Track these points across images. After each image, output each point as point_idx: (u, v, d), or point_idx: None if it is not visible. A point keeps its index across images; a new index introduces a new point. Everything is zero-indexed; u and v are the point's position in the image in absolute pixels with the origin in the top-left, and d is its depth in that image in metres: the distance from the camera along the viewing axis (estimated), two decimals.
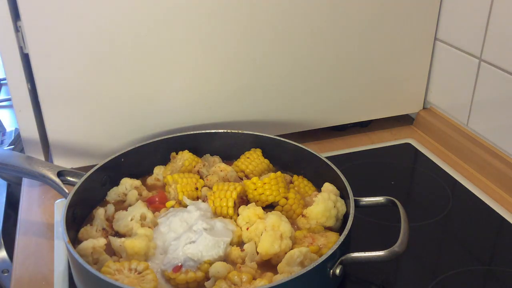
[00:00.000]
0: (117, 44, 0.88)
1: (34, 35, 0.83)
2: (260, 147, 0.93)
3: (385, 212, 0.80)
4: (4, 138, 1.33)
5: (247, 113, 1.01)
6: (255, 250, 0.74)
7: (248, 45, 0.95)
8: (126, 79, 0.91)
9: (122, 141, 0.95)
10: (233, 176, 0.88)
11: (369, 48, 1.03)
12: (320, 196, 0.79)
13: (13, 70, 0.85)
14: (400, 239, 0.70)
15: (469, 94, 1.01)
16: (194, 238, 0.73)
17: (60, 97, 0.89)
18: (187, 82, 0.95)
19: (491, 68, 0.95)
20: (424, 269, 0.79)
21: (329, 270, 0.69)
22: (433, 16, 1.05)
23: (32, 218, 0.90)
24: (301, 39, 0.98)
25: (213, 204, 0.80)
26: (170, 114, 0.97)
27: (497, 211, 0.89)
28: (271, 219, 0.76)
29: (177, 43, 0.91)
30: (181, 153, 0.91)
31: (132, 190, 0.85)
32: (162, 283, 0.71)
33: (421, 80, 1.12)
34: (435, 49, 1.09)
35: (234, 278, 0.68)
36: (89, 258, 0.71)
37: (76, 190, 0.78)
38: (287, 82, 1.01)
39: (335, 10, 0.97)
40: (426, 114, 1.13)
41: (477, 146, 1.00)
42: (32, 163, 0.82)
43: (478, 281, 0.77)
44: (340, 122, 1.10)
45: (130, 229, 0.77)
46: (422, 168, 1.03)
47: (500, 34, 0.92)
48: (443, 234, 0.86)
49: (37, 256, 0.82)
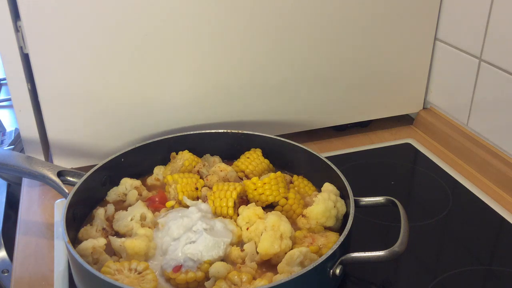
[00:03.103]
0: (117, 44, 0.88)
1: (34, 35, 0.83)
2: (260, 147, 0.93)
3: (385, 212, 0.80)
4: (4, 138, 1.33)
5: (247, 113, 1.01)
6: (255, 250, 0.74)
7: (248, 45, 0.95)
8: (126, 79, 0.91)
9: (122, 141, 0.95)
10: (233, 176, 0.88)
11: (369, 48, 1.03)
12: (320, 196, 0.79)
13: (13, 70, 0.85)
14: (400, 239, 0.70)
15: (469, 94, 1.01)
16: (194, 238, 0.73)
17: (60, 97, 0.89)
18: (187, 82, 0.95)
19: (491, 68, 0.95)
20: (424, 269, 0.79)
21: (329, 270, 0.69)
22: (433, 16, 1.05)
23: (32, 218, 0.90)
24: (301, 39, 0.98)
25: (213, 204, 0.80)
26: (170, 114, 0.97)
27: (497, 211, 0.89)
28: (271, 219, 0.75)
29: (177, 43, 0.91)
30: (181, 153, 0.91)
31: (132, 190, 0.85)
32: (162, 283, 0.71)
33: (421, 80, 1.12)
34: (435, 49, 1.09)
35: (234, 278, 0.68)
36: (89, 258, 0.71)
37: (76, 190, 0.78)
38: (287, 82, 1.01)
39: (335, 10, 0.97)
40: (426, 114, 1.13)
41: (477, 146, 1.00)
42: (32, 163, 0.82)
43: (478, 281, 0.77)
44: (340, 122, 1.10)
45: (130, 229, 0.77)
46: (422, 168, 1.03)
47: (500, 34, 0.92)
48: (443, 234, 0.86)
49: (37, 256, 0.82)
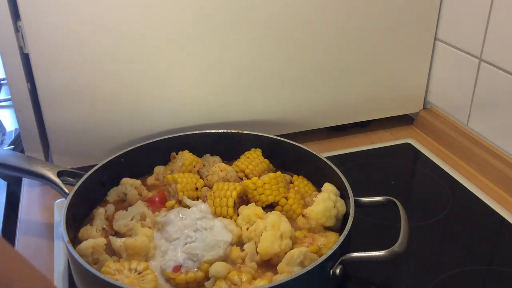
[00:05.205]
0: (117, 44, 0.88)
1: (34, 35, 0.83)
2: (260, 147, 0.93)
3: (385, 212, 0.80)
4: (4, 138, 1.33)
5: (247, 113, 1.01)
6: (255, 250, 0.74)
7: (248, 45, 0.95)
8: (126, 79, 0.91)
9: (122, 141, 0.95)
10: (233, 176, 0.88)
11: (369, 48, 1.03)
12: (320, 196, 0.79)
13: (13, 70, 0.85)
14: (400, 239, 0.70)
15: (469, 94, 1.01)
16: (194, 238, 0.73)
17: (60, 97, 0.89)
18: (187, 82, 0.95)
19: (491, 68, 0.95)
20: (424, 269, 0.79)
21: (329, 270, 0.69)
22: (433, 16, 1.05)
23: (32, 218, 0.90)
24: (301, 40, 0.98)
25: (213, 204, 0.80)
26: (170, 114, 0.97)
27: (497, 211, 0.89)
28: (271, 219, 0.75)
29: (177, 43, 0.91)
30: (181, 153, 0.91)
31: (132, 190, 0.85)
32: (162, 283, 0.71)
33: (421, 80, 1.12)
34: (435, 49, 1.09)
35: (234, 278, 0.68)
36: (89, 258, 0.71)
37: (76, 190, 0.78)
38: (287, 82, 1.01)
39: (335, 10, 0.97)
40: (426, 114, 1.13)
41: (477, 146, 1.00)
42: (32, 163, 0.82)
43: (478, 281, 0.77)
44: (340, 122, 1.10)
45: (130, 229, 0.77)
46: (422, 168, 1.03)
47: (500, 34, 0.92)
48: (443, 234, 0.86)
49: (37, 256, 0.82)
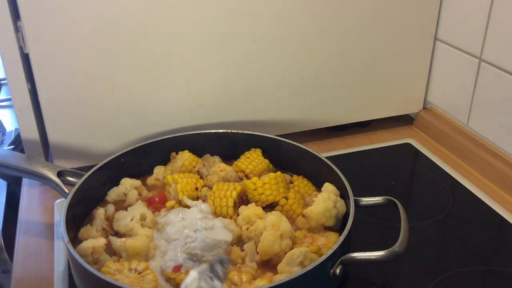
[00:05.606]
0: (117, 43, 0.88)
1: (34, 35, 0.83)
2: (260, 147, 0.93)
3: (385, 212, 0.80)
4: (4, 138, 1.32)
5: (247, 113, 1.01)
6: (255, 250, 0.74)
7: (248, 45, 0.95)
8: (126, 79, 0.91)
9: (122, 141, 0.95)
10: (233, 176, 0.88)
11: (369, 48, 1.03)
12: (320, 196, 0.79)
13: (13, 70, 0.85)
14: (400, 239, 0.70)
15: (469, 94, 1.01)
16: (194, 238, 0.73)
17: (60, 97, 0.89)
18: (187, 83, 0.95)
19: (491, 68, 0.95)
20: (424, 269, 0.79)
21: (329, 270, 0.69)
22: (433, 16, 1.05)
23: (32, 218, 0.90)
24: (301, 40, 0.98)
25: (213, 204, 0.80)
26: (170, 114, 0.97)
27: (497, 211, 0.89)
28: (271, 219, 0.75)
29: (177, 44, 0.91)
30: (181, 153, 0.91)
31: (132, 190, 0.85)
32: (162, 283, 0.71)
33: (421, 80, 1.12)
34: (435, 49, 1.09)
35: (234, 278, 0.68)
36: (89, 258, 0.71)
37: (76, 190, 0.78)
38: (287, 82, 1.01)
39: (335, 10, 0.97)
40: (426, 114, 1.13)
41: (477, 146, 1.00)
42: (32, 163, 0.82)
43: (478, 281, 0.77)
44: (340, 122, 1.10)
45: (130, 229, 0.77)
46: (422, 168, 1.03)
47: (500, 34, 0.92)
48: (443, 234, 0.86)
49: (37, 256, 0.82)
